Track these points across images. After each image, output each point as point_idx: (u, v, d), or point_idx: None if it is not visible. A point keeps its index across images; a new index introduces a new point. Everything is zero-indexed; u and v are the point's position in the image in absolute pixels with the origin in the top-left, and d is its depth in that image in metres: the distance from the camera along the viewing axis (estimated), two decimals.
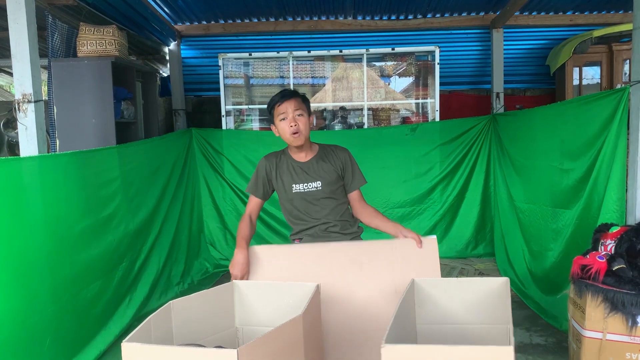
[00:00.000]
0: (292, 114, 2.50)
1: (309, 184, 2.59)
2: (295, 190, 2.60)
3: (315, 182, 2.59)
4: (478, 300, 1.98)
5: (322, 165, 2.62)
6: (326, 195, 2.61)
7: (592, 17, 5.70)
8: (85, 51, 4.02)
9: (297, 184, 2.60)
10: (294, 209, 2.65)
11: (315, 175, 2.60)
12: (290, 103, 2.51)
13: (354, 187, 2.67)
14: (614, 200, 3.08)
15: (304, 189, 2.59)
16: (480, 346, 1.38)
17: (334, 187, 2.62)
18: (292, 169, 2.62)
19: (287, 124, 2.50)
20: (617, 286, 2.53)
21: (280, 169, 2.63)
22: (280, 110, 2.52)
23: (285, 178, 2.62)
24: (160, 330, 1.72)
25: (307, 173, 2.61)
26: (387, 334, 1.45)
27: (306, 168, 2.62)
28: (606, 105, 3.17)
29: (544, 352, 3.34)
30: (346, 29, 5.84)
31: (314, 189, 2.59)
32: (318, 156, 2.65)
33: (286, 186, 2.61)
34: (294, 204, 2.64)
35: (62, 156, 3.32)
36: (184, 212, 5.10)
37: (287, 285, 2.06)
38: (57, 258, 3.07)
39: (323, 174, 2.61)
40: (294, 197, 2.62)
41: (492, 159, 5.31)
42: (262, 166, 2.65)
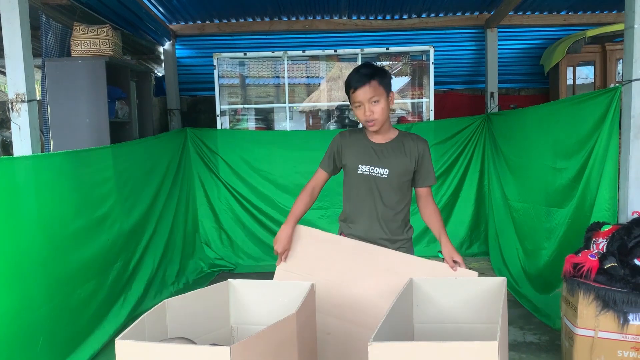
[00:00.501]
0: (367, 103, 2.34)
1: (376, 168, 2.43)
2: (361, 171, 2.45)
3: (383, 169, 2.43)
4: (475, 299, 1.99)
5: (396, 153, 2.45)
6: (390, 187, 2.44)
7: (586, 17, 5.73)
8: (79, 51, 4.01)
9: (364, 165, 2.44)
10: (351, 190, 2.52)
11: (385, 161, 2.44)
12: (365, 91, 2.33)
13: (426, 184, 2.50)
14: (606, 199, 3.11)
15: (369, 172, 2.44)
16: (465, 342, 1.39)
17: (401, 179, 2.45)
18: (363, 149, 2.47)
19: (362, 112, 2.36)
20: (609, 284, 2.56)
21: (352, 146, 2.48)
22: (355, 99, 2.37)
23: (354, 156, 2.46)
24: (154, 329, 1.72)
25: (378, 156, 2.45)
26: (376, 332, 1.46)
27: (379, 151, 2.45)
28: (598, 104, 3.20)
29: (537, 351, 3.36)
30: (341, 28, 5.85)
31: (379, 175, 2.43)
32: (395, 142, 2.47)
33: (352, 164, 2.47)
34: (355, 185, 2.49)
35: (56, 156, 3.31)
36: (179, 212, 5.10)
37: (282, 284, 2.07)
38: (51, 257, 3.06)
39: (394, 162, 2.44)
40: (357, 178, 2.47)
41: (487, 158, 5.33)
42: (336, 139, 2.52)
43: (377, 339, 1.44)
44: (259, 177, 5.42)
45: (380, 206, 2.46)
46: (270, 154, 5.40)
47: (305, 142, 5.38)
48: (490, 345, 1.40)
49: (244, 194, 5.44)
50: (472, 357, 1.40)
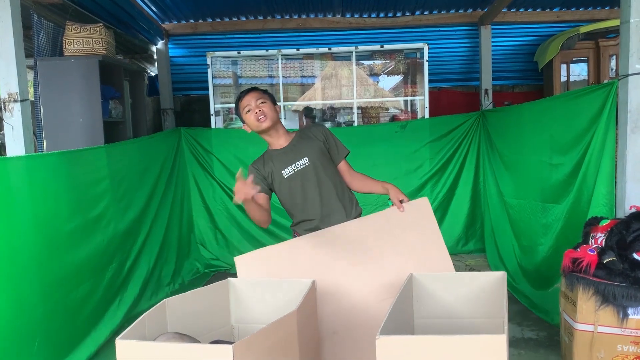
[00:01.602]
0: (255, 103, 2.55)
1: (295, 163, 2.58)
2: (287, 176, 2.59)
3: (302, 160, 2.58)
4: (475, 294, 1.99)
5: (302, 143, 2.63)
6: (318, 171, 2.59)
7: (579, 14, 5.75)
8: (71, 50, 3.97)
9: (285, 168, 2.59)
10: (290, 197, 2.63)
11: (298, 153, 2.60)
12: (251, 96, 2.57)
13: (340, 157, 2.68)
14: (604, 194, 3.10)
15: (293, 170, 2.58)
16: (474, 335, 1.38)
17: (322, 161, 2.61)
18: (276, 158, 2.62)
19: (252, 114, 2.55)
20: (608, 279, 2.55)
21: (267, 165, 2.63)
22: (243, 105, 2.58)
23: (275, 169, 2.60)
24: (154, 328, 1.70)
25: (290, 154, 2.61)
26: (383, 326, 1.45)
27: (288, 150, 2.62)
28: (594, 99, 3.20)
29: (536, 346, 3.36)
30: (335, 26, 5.84)
31: (303, 166, 2.58)
32: (297, 138, 2.66)
33: (277, 176, 2.60)
34: (290, 190, 2.61)
35: (50, 156, 3.28)
36: (174, 212, 5.06)
37: (283, 281, 2.05)
38: (46, 258, 3.03)
39: (307, 150, 2.60)
40: (287, 182, 2.60)
41: (482, 155, 5.33)
42: (252, 170, 2.65)
43: (384, 332, 1.43)
44: None
45: (321, 192, 2.60)
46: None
47: None
48: (499, 339, 1.39)
49: None
50: (481, 350, 1.39)
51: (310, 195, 2.60)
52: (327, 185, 2.61)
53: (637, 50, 2.88)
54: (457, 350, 1.42)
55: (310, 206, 2.61)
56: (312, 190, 2.59)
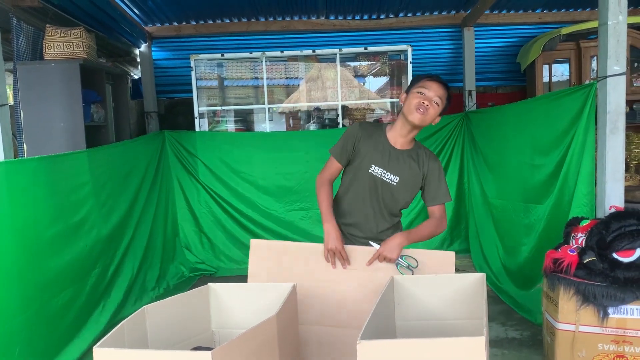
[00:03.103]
0: (432, 96, 2.31)
1: (387, 173, 2.39)
2: (372, 171, 2.40)
3: (395, 176, 2.39)
4: (455, 296, 1.99)
5: (410, 163, 2.41)
6: (394, 194, 2.42)
7: (561, 15, 5.81)
8: (52, 54, 3.93)
9: (377, 166, 2.39)
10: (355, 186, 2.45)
11: (399, 169, 2.39)
12: (438, 88, 2.34)
13: (438, 201, 2.44)
14: (584, 194, 3.14)
15: (381, 175, 2.40)
16: (453, 338, 1.39)
17: (406, 191, 2.43)
18: (381, 148, 2.40)
19: (420, 98, 2.31)
20: (588, 278, 2.58)
21: (370, 141, 2.41)
22: (424, 85, 2.33)
23: (370, 153, 2.40)
24: (134, 336, 1.68)
25: (393, 161, 2.40)
26: (364, 331, 1.45)
27: (395, 156, 2.40)
28: (575, 100, 3.24)
29: (519, 346, 3.39)
30: (319, 28, 5.84)
31: (389, 181, 2.39)
32: (412, 152, 2.43)
33: (365, 161, 2.40)
34: (363, 180, 2.42)
35: (30, 161, 3.24)
36: (158, 216, 5.03)
37: (263, 286, 2.04)
38: (26, 265, 2.99)
39: (406, 172, 2.40)
40: (365, 176, 2.41)
41: (466, 156, 5.36)
42: (355, 131, 2.42)
43: (365, 337, 1.43)
44: (239, 179, 5.37)
45: (378, 210, 2.45)
46: (250, 155, 5.36)
47: (286, 143, 5.36)
48: (477, 341, 1.40)
49: (224, 196, 5.40)
50: (460, 352, 1.40)
51: (368, 205, 2.45)
52: (388, 211, 2.46)
53: (615, 52, 2.92)
54: (436, 353, 1.42)
55: (358, 212, 2.47)
56: (374, 204, 2.44)
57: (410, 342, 1.45)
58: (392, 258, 2.24)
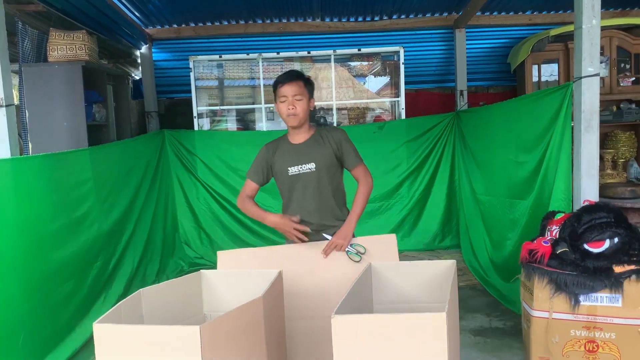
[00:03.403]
0: (291, 98, 2.59)
1: (303, 165, 2.63)
2: (291, 173, 2.64)
3: (309, 164, 2.63)
4: (429, 281, 2.15)
5: (316, 147, 2.66)
6: (321, 179, 2.63)
7: (550, 17, 5.95)
8: (55, 56, 4.09)
9: (292, 166, 2.64)
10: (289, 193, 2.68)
11: (308, 156, 2.64)
12: (292, 87, 2.60)
13: (352, 165, 2.69)
14: (562, 189, 3.29)
15: (299, 170, 2.63)
16: (419, 313, 1.55)
17: (328, 169, 2.65)
18: (287, 152, 2.67)
19: (285, 106, 2.59)
20: (561, 268, 2.73)
21: (277, 153, 2.69)
22: (281, 93, 2.61)
23: (282, 161, 2.66)
24: (130, 316, 1.84)
25: (301, 154, 2.65)
26: (338, 307, 1.61)
27: (301, 149, 2.66)
28: (553, 100, 3.38)
29: (501, 335, 3.54)
30: (314, 30, 5.99)
31: (308, 170, 2.62)
32: (313, 138, 2.69)
33: (282, 168, 2.66)
34: (290, 184, 2.66)
35: (35, 158, 3.40)
36: (158, 212, 5.19)
37: (251, 272, 2.20)
38: (31, 257, 3.14)
39: (317, 156, 2.64)
40: (290, 180, 2.65)
41: (457, 154, 5.52)
42: (263, 152, 2.72)
43: (339, 312, 1.59)
44: (237, 176, 5.53)
45: (318, 198, 2.66)
46: (247, 153, 5.43)
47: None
48: (439, 316, 1.55)
49: (222, 193, 5.56)
50: (424, 326, 1.56)
51: (308, 202, 2.66)
52: (326, 195, 2.66)
53: (590, 54, 3.07)
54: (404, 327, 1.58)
55: (306, 211, 2.67)
56: (311, 198, 2.65)
57: (380, 316, 1.62)
58: (343, 244, 2.53)
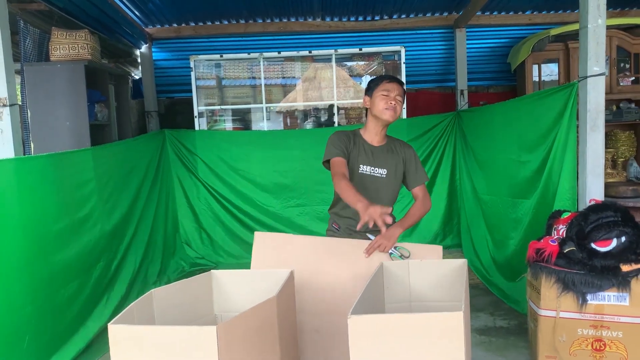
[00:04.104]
0: (394, 95, 2.58)
1: (376, 169, 2.63)
2: (362, 171, 2.64)
3: (382, 169, 2.64)
4: (440, 280, 2.15)
5: (390, 155, 2.67)
6: (387, 186, 2.65)
7: (550, 17, 5.97)
8: (57, 55, 4.07)
9: (365, 165, 2.64)
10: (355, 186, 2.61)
11: (383, 162, 2.65)
12: (398, 87, 2.62)
13: (417, 183, 2.70)
14: (567, 188, 3.30)
15: (370, 172, 2.63)
16: (435, 313, 1.54)
17: (396, 180, 2.67)
18: (363, 149, 2.65)
19: (386, 99, 2.57)
20: (568, 267, 2.74)
21: (353, 145, 2.65)
22: (386, 87, 2.60)
23: (355, 156, 2.63)
24: (142, 317, 1.83)
25: (376, 157, 2.65)
26: (354, 308, 1.60)
27: (377, 153, 2.66)
28: (558, 100, 3.39)
29: (506, 334, 3.55)
30: (315, 30, 5.99)
31: (379, 175, 2.64)
32: (388, 145, 2.70)
33: (353, 163, 2.63)
34: (355, 184, 2.59)
35: (38, 158, 3.38)
36: (159, 213, 5.17)
37: (262, 272, 2.19)
38: (34, 258, 3.13)
39: (390, 163, 2.66)
40: (357, 177, 2.64)
41: (458, 153, 5.52)
42: (341, 136, 2.64)
43: (355, 312, 1.58)
44: (238, 176, 5.52)
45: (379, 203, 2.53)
46: (248, 153, 5.51)
47: (283, 141, 5.51)
48: (456, 316, 1.55)
49: (223, 193, 5.55)
50: (441, 325, 1.55)
51: None
52: (387, 203, 2.65)
53: (595, 53, 3.08)
54: (420, 326, 1.57)
55: None
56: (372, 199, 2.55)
57: (396, 316, 1.61)
58: (387, 246, 2.43)
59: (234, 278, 2.19)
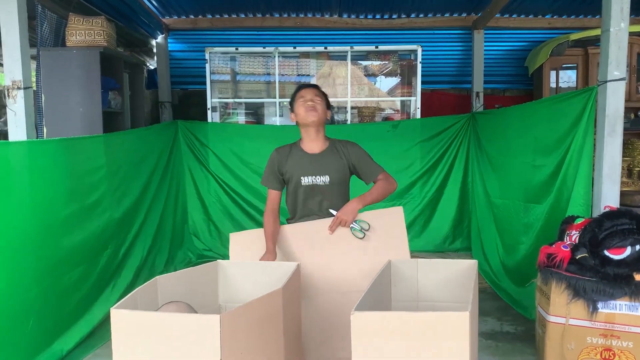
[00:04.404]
0: (310, 97, 2.63)
1: (317, 177, 2.63)
2: (304, 183, 2.64)
3: (324, 177, 2.63)
4: (449, 280, 2.12)
5: (332, 160, 2.66)
6: (332, 192, 2.66)
7: (570, 21, 5.88)
8: (74, 41, 4.07)
9: (305, 176, 2.64)
10: (298, 201, 2.69)
11: (324, 169, 2.64)
12: (312, 90, 2.68)
13: (373, 177, 2.71)
14: (582, 194, 3.24)
15: (312, 182, 2.63)
16: (441, 312, 1.51)
17: (341, 185, 2.68)
18: (302, 161, 2.66)
19: (303, 104, 2.62)
20: (580, 273, 2.69)
21: (290, 159, 2.67)
22: (300, 94, 2.66)
23: (295, 169, 2.65)
24: (146, 303, 1.82)
25: (316, 165, 2.64)
26: (358, 304, 1.57)
27: (317, 160, 2.65)
28: (576, 104, 3.33)
29: (513, 340, 3.50)
30: (331, 26, 5.95)
31: (321, 183, 2.63)
32: (329, 150, 2.69)
33: (295, 177, 2.65)
34: (302, 194, 2.67)
35: (50, 142, 3.39)
36: (169, 203, 5.17)
37: (269, 264, 2.18)
38: (43, 241, 3.13)
39: (332, 167, 2.65)
40: (301, 189, 2.66)
41: (471, 155, 5.46)
42: (274, 158, 2.70)
43: (359, 309, 1.55)
44: (249, 170, 5.51)
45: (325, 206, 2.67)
46: (259, 147, 5.48)
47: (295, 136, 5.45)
48: (462, 316, 1.51)
49: (233, 186, 5.53)
50: (446, 325, 1.52)
51: (315, 210, 2.69)
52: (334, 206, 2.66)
53: (616, 57, 3.02)
54: (425, 326, 1.54)
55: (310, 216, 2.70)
56: (319, 207, 2.68)
57: (401, 314, 1.58)
58: (348, 220, 2.49)
59: (240, 269, 2.18)
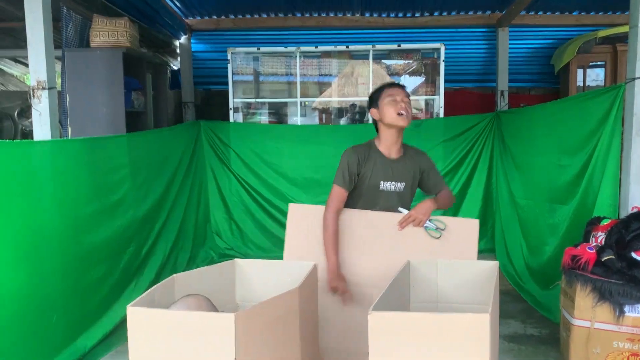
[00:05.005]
0: (402, 98, 2.52)
1: (396, 184, 2.59)
2: (382, 188, 2.58)
3: (401, 183, 2.59)
4: (469, 281, 2.08)
5: (409, 167, 2.62)
6: (404, 199, 2.63)
7: (598, 18, 5.74)
8: (98, 42, 4.13)
9: (385, 182, 2.58)
10: (369, 205, 2.63)
11: (402, 176, 2.60)
12: (403, 91, 2.58)
13: (441, 187, 2.69)
14: (608, 195, 3.16)
15: (390, 188, 2.58)
16: (460, 313, 1.47)
17: (411, 191, 2.66)
18: (382, 165, 2.58)
19: (395, 104, 2.50)
20: (606, 276, 2.62)
21: (370, 162, 2.58)
22: (390, 92, 2.54)
23: (375, 173, 2.57)
24: (163, 300, 1.83)
25: (396, 172, 2.59)
26: (375, 304, 1.55)
27: (396, 167, 2.59)
28: (602, 102, 3.25)
29: (537, 343, 3.43)
30: (353, 25, 5.92)
31: (397, 190, 2.59)
32: (405, 156, 2.64)
33: (373, 181, 2.57)
34: (373, 198, 2.61)
35: (74, 142, 3.45)
36: (191, 202, 5.22)
37: (286, 264, 2.17)
38: (66, 238, 3.18)
39: (408, 175, 2.61)
40: (377, 193, 2.60)
41: (495, 155, 5.37)
42: (354, 158, 2.55)
43: (377, 309, 1.53)
44: (270, 169, 5.52)
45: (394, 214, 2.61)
46: (281, 147, 5.50)
47: (316, 136, 5.47)
48: (482, 317, 1.48)
49: (254, 186, 5.55)
50: (466, 327, 1.48)
51: None
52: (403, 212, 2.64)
53: None
54: (444, 327, 1.51)
55: None
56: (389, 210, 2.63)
57: (419, 315, 1.55)
58: (422, 220, 2.44)
59: (257, 268, 2.17)
